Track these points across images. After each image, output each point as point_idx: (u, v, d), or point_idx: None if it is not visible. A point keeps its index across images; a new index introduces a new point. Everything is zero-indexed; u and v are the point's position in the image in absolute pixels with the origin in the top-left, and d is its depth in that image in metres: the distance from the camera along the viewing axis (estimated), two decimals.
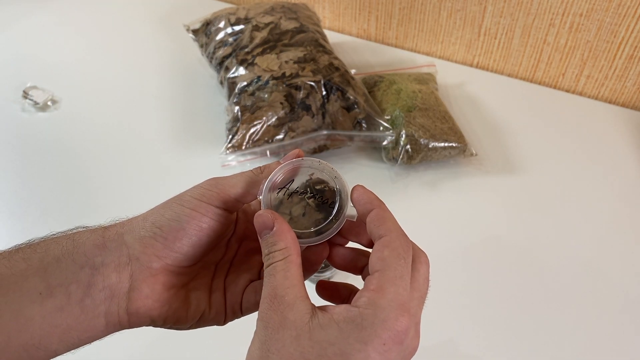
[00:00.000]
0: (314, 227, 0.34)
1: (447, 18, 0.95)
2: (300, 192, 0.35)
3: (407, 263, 0.30)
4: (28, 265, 0.30)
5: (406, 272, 0.30)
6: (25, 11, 1.10)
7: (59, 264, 0.30)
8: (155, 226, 0.32)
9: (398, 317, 0.28)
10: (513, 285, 0.66)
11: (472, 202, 0.75)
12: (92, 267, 0.31)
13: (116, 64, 0.98)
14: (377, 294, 0.28)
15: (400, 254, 0.30)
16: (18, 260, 0.30)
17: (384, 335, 0.27)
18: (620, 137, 0.85)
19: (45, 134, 0.84)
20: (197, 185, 0.34)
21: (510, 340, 0.60)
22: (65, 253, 0.31)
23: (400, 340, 0.27)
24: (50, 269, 0.30)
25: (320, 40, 0.84)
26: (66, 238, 0.32)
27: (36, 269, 0.30)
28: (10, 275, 0.29)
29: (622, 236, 0.71)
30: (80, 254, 0.31)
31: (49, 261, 0.30)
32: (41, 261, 0.30)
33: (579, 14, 0.85)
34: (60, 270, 0.30)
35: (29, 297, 0.29)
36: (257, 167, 0.36)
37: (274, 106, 0.74)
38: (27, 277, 0.30)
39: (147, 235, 0.32)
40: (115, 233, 0.32)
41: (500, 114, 0.88)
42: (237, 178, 0.35)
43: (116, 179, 0.78)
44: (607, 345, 0.60)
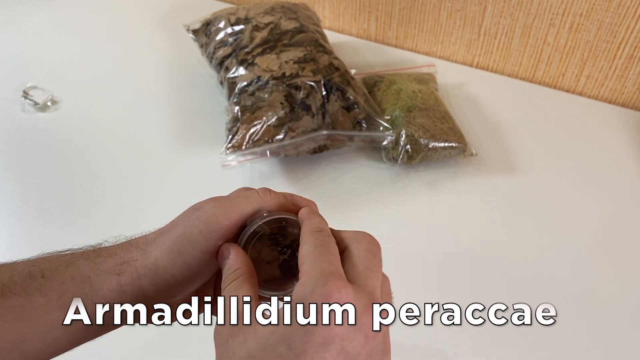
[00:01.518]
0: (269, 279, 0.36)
1: (447, 18, 0.95)
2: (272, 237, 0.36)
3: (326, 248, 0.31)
4: (47, 300, 0.33)
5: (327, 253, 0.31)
6: (25, 11, 1.10)
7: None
8: (169, 274, 0.35)
9: (326, 283, 0.29)
10: (512, 285, 0.66)
11: (472, 202, 0.75)
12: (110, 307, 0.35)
13: (116, 64, 0.98)
14: (305, 276, 0.30)
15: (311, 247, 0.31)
16: (34, 292, 0.33)
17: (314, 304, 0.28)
18: (620, 137, 0.85)
19: (45, 134, 0.84)
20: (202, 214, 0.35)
21: (509, 340, 0.60)
22: (83, 295, 0.34)
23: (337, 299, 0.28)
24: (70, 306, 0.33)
25: (320, 40, 0.84)
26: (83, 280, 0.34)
27: (56, 305, 0.33)
28: (31, 309, 0.32)
29: (622, 236, 0.71)
30: (98, 297, 0.34)
31: (67, 299, 0.33)
32: (60, 298, 0.33)
33: (579, 14, 0.85)
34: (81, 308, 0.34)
35: (52, 325, 0.33)
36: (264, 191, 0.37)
37: (274, 106, 0.74)
38: (49, 311, 0.33)
39: (163, 283, 0.35)
40: (129, 279, 0.35)
41: (500, 114, 0.88)
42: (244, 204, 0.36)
43: (116, 179, 0.78)
44: (608, 345, 0.60)
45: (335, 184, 0.77)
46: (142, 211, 0.73)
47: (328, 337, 0.27)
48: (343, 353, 0.28)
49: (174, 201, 0.74)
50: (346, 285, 0.29)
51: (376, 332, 0.29)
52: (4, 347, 0.32)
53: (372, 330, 0.29)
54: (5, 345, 0.32)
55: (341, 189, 0.76)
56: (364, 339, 0.29)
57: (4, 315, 0.32)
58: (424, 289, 0.62)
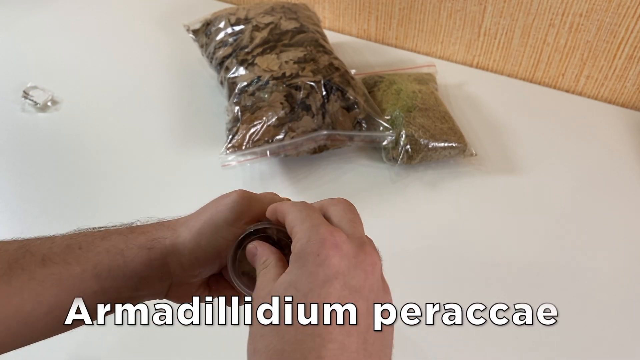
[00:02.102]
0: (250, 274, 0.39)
1: (447, 18, 0.95)
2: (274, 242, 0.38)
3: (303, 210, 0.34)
4: (83, 269, 0.36)
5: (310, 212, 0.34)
6: (25, 11, 1.10)
7: (110, 273, 0.37)
8: (193, 256, 0.38)
9: (318, 231, 0.31)
10: (512, 285, 0.66)
11: (472, 202, 0.75)
12: (139, 278, 0.37)
13: (116, 64, 0.98)
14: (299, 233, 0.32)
15: (296, 213, 0.34)
16: (72, 262, 0.36)
17: (313, 249, 0.31)
18: (620, 137, 0.85)
19: (45, 134, 0.84)
20: (226, 204, 0.38)
21: (509, 339, 0.60)
22: (116, 267, 0.37)
23: (333, 245, 0.31)
24: (104, 276, 0.36)
25: (320, 41, 0.84)
26: (117, 253, 0.37)
27: (91, 274, 0.36)
28: (68, 277, 0.36)
29: (622, 236, 0.71)
30: (129, 270, 0.37)
31: (101, 270, 0.36)
32: (95, 268, 0.36)
33: (579, 14, 0.85)
34: (112, 278, 0.37)
35: (85, 294, 0.36)
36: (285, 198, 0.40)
37: (274, 106, 0.74)
38: (84, 279, 0.36)
39: (187, 263, 0.38)
40: (159, 254, 0.38)
41: (500, 114, 0.88)
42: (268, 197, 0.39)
43: (116, 179, 0.78)
44: (607, 345, 0.60)
45: (335, 184, 0.77)
46: (143, 211, 0.73)
47: (330, 275, 0.30)
48: (347, 287, 0.30)
49: (174, 201, 0.74)
50: (337, 229, 0.32)
51: (373, 267, 0.32)
52: (42, 310, 0.35)
53: (369, 266, 0.32)
54: (43, 309, 0.35)
55: (341, 189, 0.76)
56: (363, 274, 0.31)
57: (43, 281, 0.35)
58: (424, 289, 0.62)
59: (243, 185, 0.76)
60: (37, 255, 0.36)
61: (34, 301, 0.35)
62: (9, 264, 0.35)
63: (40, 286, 0.35)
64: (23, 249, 0.36)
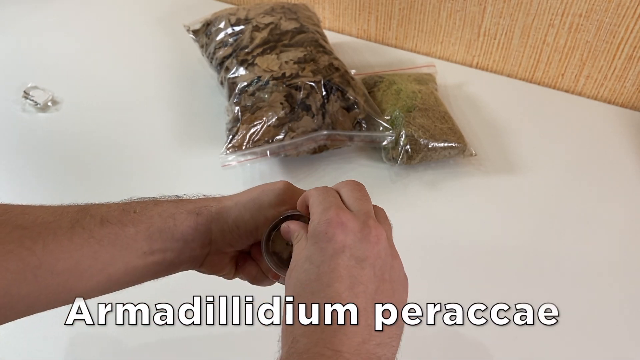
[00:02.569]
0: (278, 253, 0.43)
1: (447, 18, 0.95)
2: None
3: (321, 194, 0.39)
4: (137, 230, 0.40)
5: (326, 195, 0.38)
6: (26, 11, 1.10)
7: (161, 234, 0.40)
8: (235, 225, 0.42)
9: (327, 211, 0.36)
10: (512, 285, 0.66)
11: (472, 202, 0.75)
12: (184, 242, 0.41)
13: (117, 64, 0.98)
14: (313, 213, 0.37)
15: (315, 196, 0.39)
16: (127, 223, 0.40)
17: (322, 227, 0.36)
18: (619, 137, 0.85)
19: (45, 135, 0.84)
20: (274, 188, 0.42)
21: (508, 340, 0.61)
22: (167, 228, 0.41)
23: (338, 223, 0.35)
24: (154, 237, 0.40)
25: (320, 41, 0.84)
26: (168, 216, 0.41)
27: (144, 235, 0.40)
28: (123, 237, 0.39)
29: (622, 236, 0.71)
30: (178, 232, 0.41)
31: (153, 231, 0.40)
32: (147, 230, 0.40)
33: (579, 15, 0.85)
34: (162, 240, 0.40)
35: (136, 254, 0.39)
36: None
37: (274, 106, 0.74)
38: (137, 240, 0.39)
39: (228, 230, 0.42)
40: (205, 220, 0.42)
41: (499, 114, 0.89)
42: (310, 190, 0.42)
43: (116, 179, 0.78)
44: (608, 344, 0.61)
45: (335, 184, 0.77)
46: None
47: (338, 249, 0.35)
48: (354, 258, 0.35)
49: None
50: (343, 210, 0.37)
51: (378, 238, 0.36)
52: (97, 267, 0.38)
53: (374, 237, 0.36)
54: (98, 266, 0.38)
55: None
56: (369, 245, 0.35)
57: (101, 240, 0.38)
58: (424, 289, 0.63)
59: (243, 185, 0.76)
60: (97, 217, 0.39)
61: (91, 258, 0.38)
62: (71, 223, 0.38)
63: (98, 244, 0.38)
64: (83, 211, 0.40)
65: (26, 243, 0.36)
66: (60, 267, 0.37)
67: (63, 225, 0.38)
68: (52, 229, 0.37)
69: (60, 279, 0.37)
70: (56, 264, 0.37)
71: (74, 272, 0.37)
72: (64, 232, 0.38)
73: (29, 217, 0.38)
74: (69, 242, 0.37)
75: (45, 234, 0.37)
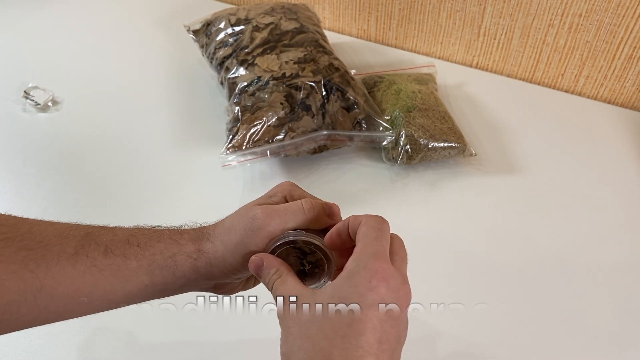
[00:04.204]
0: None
1: (447, 18, 0.95)
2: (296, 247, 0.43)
3: (381, 231, 0.38)
4: (139, 265, 0.41)
5: (380, 236, 0.38)
6: (26, 12, 1.10)
7: (162, 271, 0.41)
8: (232, 266, 0.42)
9: (376, 261, 0.36)
10: (512, 285, 0.66)
11: (472, 202, 0.75)
12: (186, 279, 0.43)
13: (117, 64, 0.98)
14: (358, 253, 0.37)
15: (373, 226, 0.38)
16: (130, 257, 0.41)
17: (367, 275, 0.35)
18: (619, 137, 0.85)
19: (46, 135, 0.84)
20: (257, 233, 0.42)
21: (508, 339, 0.61)
22: (168, 267, 0.42)
23: (384, 277, 0.35)
24: (156, 273, 0.41)
25: (320, 41, 0.85)
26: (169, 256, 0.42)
27: (145, 270, 0.41)
28: (125, 270, 0.40)
29: (622, 236, 0.71)
30: (179, 271, 0.42)
31: (155, 267, 0.41)
32: (149, 266, 0.41)
33: (578, 15, 0.85)
34: (163, 276, 0.41)
35: (137, 286, 0.41)
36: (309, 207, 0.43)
37: (274, 106, 0.75)
38: (138, 274, 0.41)
39: (227, 269, 0.43)
40: (205, 263, 0.42)
41: (499, 114, 0.89)
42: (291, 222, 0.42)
43: (116, 179, 0.78)
44: (608, 344, 0.61)
45: (335, 184, 0.77)
46: (143, 211, 0.74)
47: (377, 300, 0.35)
48: (389, 315, 0.35)
49: (175, 201, 0.75)
50: (390, 265, 0.36)
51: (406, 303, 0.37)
52: (98, 294, 0.39)
53: (405, 302, 0.36)
54: (98, 294, 0.39)
55: (341, 188, 0.77)
56: (401, 308, 0.36)
57: (103, 270, 0.39)
58: (424, 289, 0.63)
59: (243, 185, 0.76)
60: (101, 245, 0.40)
61: (93, 285, 0.39)
62: (76, 250, 0.39)
63: (100, 273, 0.39)
64: (89, 237, 0.41)
65: (30, 265, 0.37)
66: (61, 292, 0.38)
67: (67, 250, 0.39)
68: (57, 253, 0.38)
69: (60, 302, 0.38)
70: (57, 288, 0.38)
71: (74, 298, 0.39)
72: (68, 258, 0.39)
73: (35, 238, 0.39)
74: (72, 269, 0.38)
75: (49, 258, 0.38)
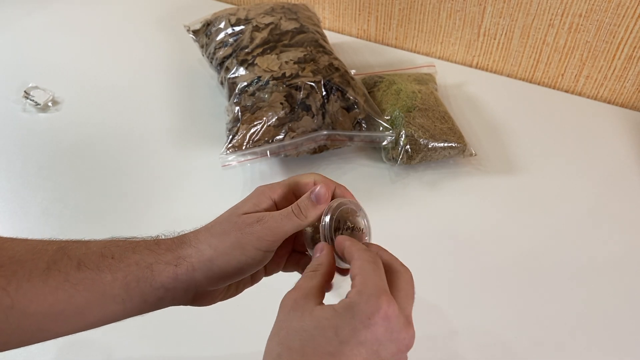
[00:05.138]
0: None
1: (447, 19, 0.95)
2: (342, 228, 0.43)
3: (378, 267, 0.37)
4: (114, 277, 0.39)
5: (379, 272, 0.37)
6: (26, 12, 1.10)
7: (138, 284, 0.39)
8: (221, 271, 0.40)
9: (379, 297, 0.34)
10: (512, 285, 0.66)
11: (472, 202, 0.75)
12: (165, 289, 0.40)
13: (117, 64, 0.98)
14: (361, 286, 0.36)
15: (370, 262, 0.37)
16: (105, 270, 0.39)
17: (367, 310, 0.34)
18: (619, 137, 0.85)
19: (46, 135, 0.84)
20: (254, 232, 0.40)
21: (508, 339, 0.61)
22: (144, 278, 0.40)
23: (385, 316, 0.34)
24: (132, 286, 0.39)
25: (320, 41, 0.85)
26: (146, 266, 0.40)
27: (121, 283, 0.39)
28: (100, 284, 0.38)
29: (622, 236, 0.71)
30: (157, 282, 0.40)
31: (130, 280, 0.39)
32: (125, 278, 0.39)
33: (578, 15, 0.85)
34: (140, 289, 0.39)
35: (114, 300, 0.39)
36: (296, 209, 0.42)
37: (274, 106, 0.75)
38: (114, 287, 0.39)
39: (215, 276, 0.41)
40: (186, 269, 0.40)
41: (499, 114, 0.89)
42: (288, 224, 0.41)
43: (116, 179, 0.78)
44: (608, 344, 0.61)
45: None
46: (143, 211, 0.74)
47: (369, 339, 0.34)
48: (375, 354, 0.34)
49: (175, 201, 0.75)
50: (394, 303, 0.35)
51: (406, 347, 0.35)
52: (72, 311, 0.38)
53: (404, 346, 0.35)
54: (72, 310, 0.38)
55: None
56: (396, 349, 0.35)
57: (77, 284, 0.38)
58: (424, 289, 0.63)
59: (243, 185, 0.77)
60: (74, 259, 0.39)
61: (66, 302, 0.37)
62: (47, 265, 0.38)
63: (74, 289, 0.38)
64: (61, 251, 0.39)
65: (0, 282, 0.36)
66: (33, 309, 0.36)
67: (39, 265, 0.38)
68: (28, 269, 0.37)
69: (33, 319, 0.37)
70: (29, 306, 0.36)
71: (48, 315, 0.37)
72: (39, 274, 0.37)
73: (6, 254, 0.38)
74: (43, 285, 0.37)
75: (20, 274, 0.37)
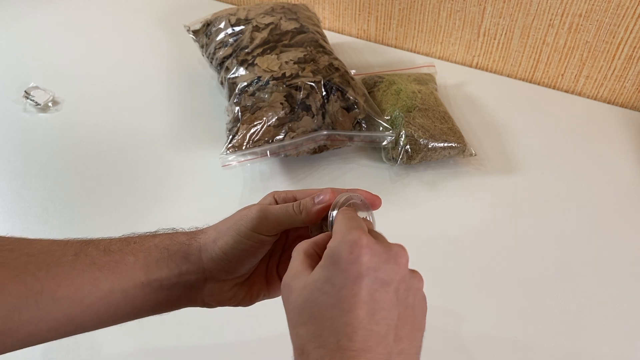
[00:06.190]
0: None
1: (447, 19, 0.95)
2: None
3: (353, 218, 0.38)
4: (135, 259, 0.42)
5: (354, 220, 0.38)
6: (27, 12, 1.10)
7: (157, 264, 0.42)
8: (222, 251, 0.43)
9: (351, 232, 0.35)
10: (512, 285, 0.66)
11: (471, 202, 0.75)
12: (179, 272, 0.43)
13: (117, 64, 0.98)
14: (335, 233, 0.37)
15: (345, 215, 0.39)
16: (128, 253, 0.42)
17: (346, 248, 0.34)
18: (619, 137, 0.85)
19: (46, 135, 0.84)
20: (249, 214, 0.43)
21: (508, 339, 0.61)
22: (162, 258, 0.43)
23: (365, 245, 0.34)
24: (151, 267, 0.42)
25: (320, 41, 0.85)
26: (164, 248, 0.43)
27: (141, 264, 0.42)
28: (123, 265, 0.41)
29: (622, 236, 0.71)
30: (172, 261, 0.43)
31: (151, 261, 0.42)
32: (145, 259, 0.42)
33: (578, 15, 0.85)
34: (158, 269, 0.42)
35: (133, 283, 0.41)
36: (296, 205, 0.44)
37: (274, 106, 0.75)
38: (135, 269, 0.41)
39: (217, 258, 0.43)
40: (195, 249, 0.44)
41: (499, 114, 0.89)
42: (282, 213, 0.43)
43: (116, 179, 0.78)
44: (609, 344, 0.61)
45: (335, 184, 0.77)
46: (144, 211, 0.74)
47: (362, 271, 0.34)
48: (378, 281, 0.34)
49: (175, 201, 0.75)
50: (368, 235, 0.35)
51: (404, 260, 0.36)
52: (97, 295, 0.40)
53: (400, 258, 0.36)
54: (98, 293, 0.40)
55: None
56: (395, 267, 0.35)
57: (103, 267, 0.40)
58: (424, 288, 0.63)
59: (243, 185, 0.77)
60: (100, 246, 0.42)
61: (92, 285, 0.40)
62: (75, 252, 0.41)
63: (100, 271, 0.40)
64: (87, 242, 0.42)
65: (30, 268, 0.38)
66: (61, 294, 0.38)
67: (68, 253, 0.40)
68: (57, 257, 0.40)
69: (61, 305, 0.38)
70: (57, 290, 0.38)
71: (74, 299, 0.39)
72: (68, 260, 0.40)
73: (36, 246, 0.40)
74: (72, 269, 0.39)
75: (49, 261, 0.39)
